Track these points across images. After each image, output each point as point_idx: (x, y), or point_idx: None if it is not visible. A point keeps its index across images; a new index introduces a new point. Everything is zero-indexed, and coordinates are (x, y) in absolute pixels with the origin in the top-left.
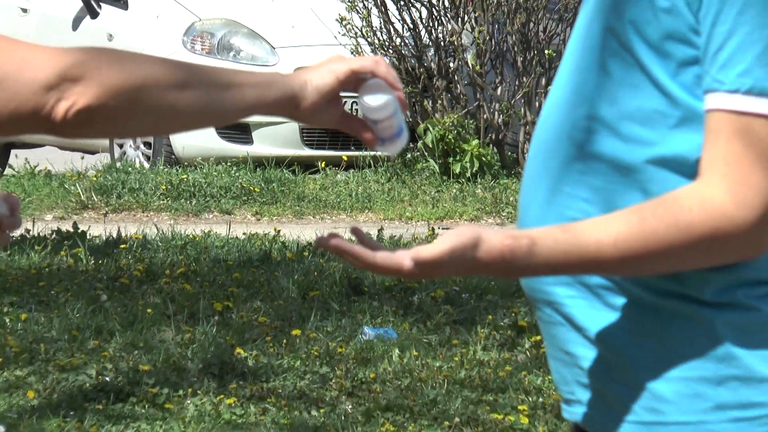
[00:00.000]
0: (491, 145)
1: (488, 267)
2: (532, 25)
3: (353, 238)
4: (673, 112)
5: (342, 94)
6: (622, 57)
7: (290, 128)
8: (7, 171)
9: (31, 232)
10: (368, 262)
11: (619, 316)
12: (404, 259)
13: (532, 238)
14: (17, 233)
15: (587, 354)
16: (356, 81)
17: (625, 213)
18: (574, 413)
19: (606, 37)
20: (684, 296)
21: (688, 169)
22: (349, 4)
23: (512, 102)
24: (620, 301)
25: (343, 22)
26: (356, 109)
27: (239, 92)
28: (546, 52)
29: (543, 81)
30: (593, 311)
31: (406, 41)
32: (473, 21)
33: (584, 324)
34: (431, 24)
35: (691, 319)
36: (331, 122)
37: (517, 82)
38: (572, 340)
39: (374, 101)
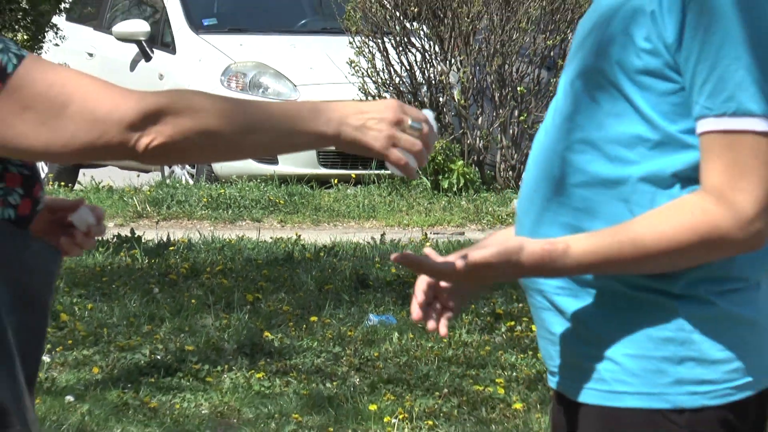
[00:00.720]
0: (473, 165)
1: (530, 269)
2: (507, 66)
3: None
4: (652, 136)
5: None
6: (609, 91)
7: (309, 152)
8: (76, 187)
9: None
10: (431, 267)
11: (598, 304)
12: (457, 260)
13: (566, 243)
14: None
15: (570, 334)
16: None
17: (641, 219)
18: (557, 383)
19: (596, 75)
20: (655, 289)
21: (664, 182)
22: (357, 49)
23: (490, 130)
24: (600, 292)
25: (352, 65)
26: None
27: (294, 139)
28: (518, 89)
29: (516, 113)
30: (576, 300)
31: (404, 80)
32: (459, 63)
33: (568, 309)
34: (424, 66)
35: (660, 309)
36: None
37: (494, 114)
38: (558, 322)
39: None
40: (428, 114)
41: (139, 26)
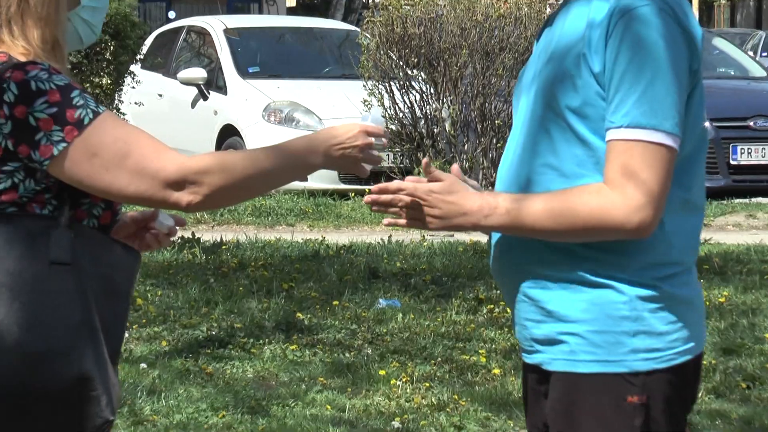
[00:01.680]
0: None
1: (468, 211)
2: (487, 104)
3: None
4: (593, 155)
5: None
6: (559, 124)
7: (331, 171)
8: None
9: None
10: (396, 187)
11: (565, 293)
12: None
13: (499, 204)
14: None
15: (543, 319)
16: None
17: (560, 193)
18: (534, 359)
19: (548, 113)
20: (613, 277)
21: None
22: (369, 91)
23: (474, 154)
24: (568, 279)
25: (366, 103)
26: None
27: (295, 174)
28: (496, 122)
29: (494, 141)
30: (547, 291)
31: (406, 115)
32: (449, 102)
33: (540, 299)
34: (422, 104)
35: (616, 293)
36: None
37: (477, 142)
38: (531, 311)
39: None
40: (375, 110)
41: (199, 73)
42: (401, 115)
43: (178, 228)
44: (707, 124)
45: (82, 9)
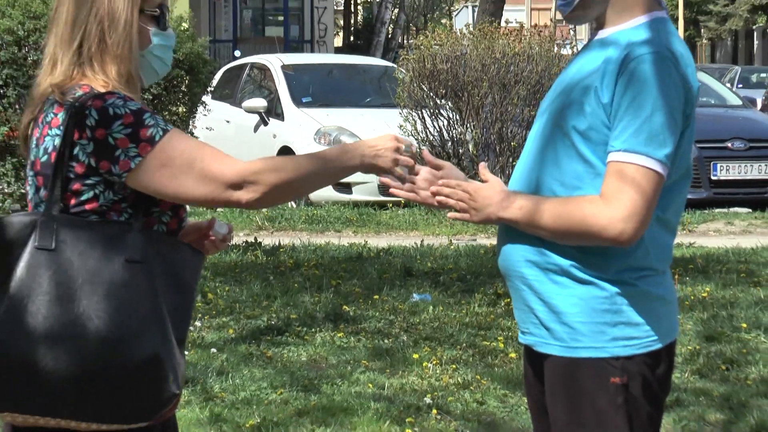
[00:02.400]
0: None
1: (495, 203)
2: (504, 129)
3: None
4: (592, 171)
5: None
6: (564, 142)
7: (372, 185)
8: (218, 210)
9: (231, 242)
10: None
11: (559, 287)
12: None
13: (518, 201)
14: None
15: (539, 307)
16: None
17: (562, 199)
18: (528, 339)
19: (557, 131)
20: (597, 276)
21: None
22: (404, 117)
23: (493, 171)
24: (561, 277)
25: (401, 128)
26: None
27: (337, 175)
28: (512, 144)
29: (510, 159)
30: (545, 284)
31: (435, 138)
32: (472, 127)
33: (540, 290)
34: (449, 128)
35: (600, 290)
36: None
37: (496, 161)
38: (532, 299)
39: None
40: (412, 140)
41: (260, 102)
42: (431, 138)
43: (231, 236)
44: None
45: (154, 47)
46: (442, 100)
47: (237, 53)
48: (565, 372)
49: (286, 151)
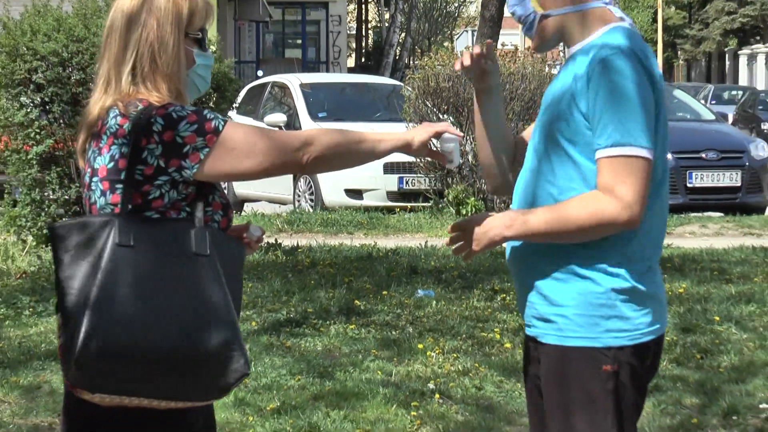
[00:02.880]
0: (481, 200)
1: (505, 223)
2: None
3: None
4: (582, 173)
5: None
6: (556, 150)
7: (381, 192)
8: (242, 214)
9: None
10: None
11: (559, 282)
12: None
13: (526, 217)
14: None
15: (540, 301)
16: (437, 135)
17: (564, 203)
18: (532, 331)
19: (549, 141)
20: (595, 269)
21: None
22: None
23: None
24: (561, 272)
25: None
26: (435, 146)
27: (383, 144)
28: None
29: None
30: (545, 279)
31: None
32: (472, 139)
33: (540, 285)
34: None
35: (596, 285)
36: (424, 155)
37: None
38: (534, 293)
39: (448, 143)
40: (446, 138)
41: (280, 117)
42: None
43: (263, 238)
44: (669, 156)
45: (197, 67)
46: (445, 115)
47: (260, 73)
48: (560, 358)
49: None
